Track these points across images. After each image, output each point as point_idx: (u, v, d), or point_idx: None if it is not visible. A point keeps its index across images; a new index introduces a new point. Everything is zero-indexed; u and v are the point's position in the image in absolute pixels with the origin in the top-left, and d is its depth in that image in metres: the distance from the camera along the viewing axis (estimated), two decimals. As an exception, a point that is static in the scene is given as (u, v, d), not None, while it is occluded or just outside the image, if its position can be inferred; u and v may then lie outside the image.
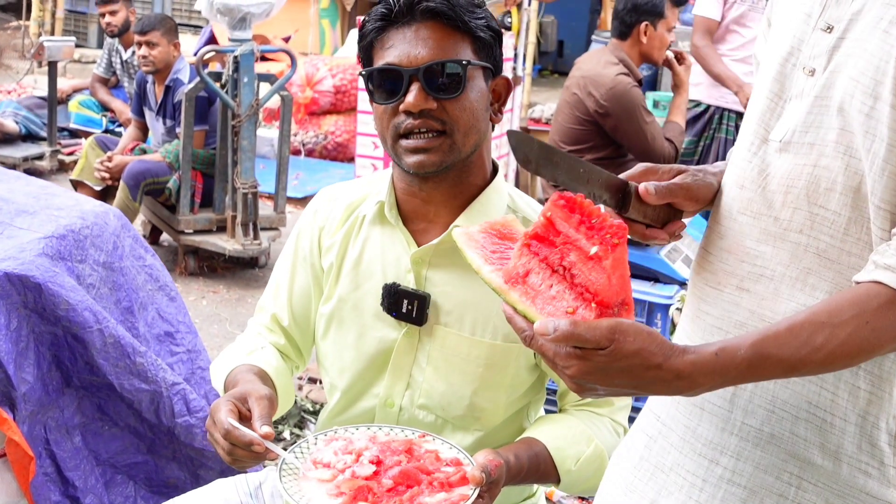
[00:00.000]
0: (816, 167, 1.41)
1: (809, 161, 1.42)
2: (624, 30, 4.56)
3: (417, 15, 1.81)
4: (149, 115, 6.32)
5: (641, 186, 1.48)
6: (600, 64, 4.51)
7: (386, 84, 1.82)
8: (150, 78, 6.21)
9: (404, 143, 1.82)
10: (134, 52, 7.40)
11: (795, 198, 1.43)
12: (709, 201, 1.59)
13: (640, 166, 1.53)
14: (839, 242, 1.40)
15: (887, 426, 1.43)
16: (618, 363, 1.27)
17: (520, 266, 1.39)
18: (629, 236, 1.44)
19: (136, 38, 6.10)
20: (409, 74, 1.79)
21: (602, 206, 1.42)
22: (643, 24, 4.51)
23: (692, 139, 5.66)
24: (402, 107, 1.79)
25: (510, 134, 1.46)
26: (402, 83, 1.79)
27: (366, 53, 1.88)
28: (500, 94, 1.94)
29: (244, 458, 1.66)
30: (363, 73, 1.87)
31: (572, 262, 1.34)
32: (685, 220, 1.59)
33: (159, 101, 6.16)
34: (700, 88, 5.61)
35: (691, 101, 5.65)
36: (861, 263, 1.39)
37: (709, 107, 5.60)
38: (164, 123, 6.17)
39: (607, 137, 4.48)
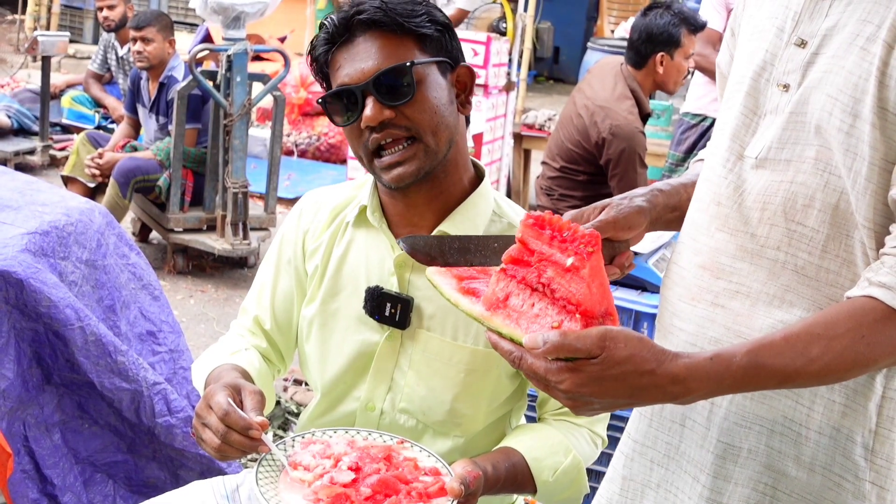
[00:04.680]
0: (793, 184, 1.40)
1: (786, 178, 1.41)
2: (638, 59, 4.49)
3: (356, 30, 1.80)
4: (142, 112, 6.30)
5: None
6: (614, 95, 4.43)
7: (343, 105, 1.82)
8: (144, 74, 6.19)
9: (378, 161, 1.82)
10: (130, 49, 7.39)
11: (772, 214, 1.43)
12: (646, 224, 1.58)
13: (566, 216, 1.52)
14: (817, 259, 1.40)
15: (862, 440, 1.43)
16: (611, 371, 1.26)
17: (499, 291, 1.39)
18: None
19: (132, 33, 6.07)
20: (361, 90, 1.78)
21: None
22: (659, 55, 4.45)
23: (689, 153, 5.64)
24: (362, 123, 1.79)
25: (404, 241, 1.52)
26: (356, 100, 1.79)
27: (325, 79, 1.89)
28: (464, 84, 1.91)
29: (237, 443, 1.64)
30: (319, 101, 1.87)
31: (550, 278, 1.35)
32: (633, 248, 1.60)
33: (153, 98, 6.13)
34: (703, 102, 5.60)
35: (696, 115, 5.64)
36: (840, 280, 1.38)
37: (714, 121, 5.57)
38: (157, 120, 6.15)
39: (599, 166, 4.47)
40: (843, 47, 1.37)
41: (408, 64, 1.78)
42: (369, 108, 1.77)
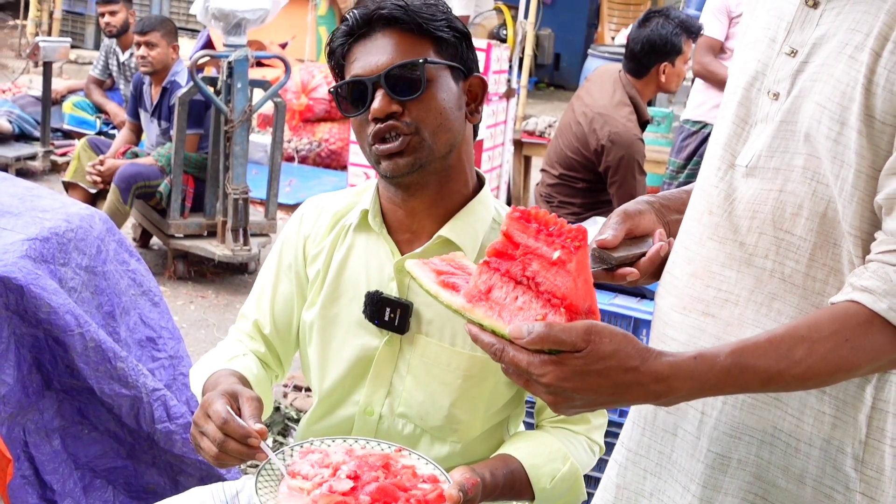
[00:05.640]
0: (782, 192, 1.41)
1: (775, 186, 1.42)
2: (639, 70, 4.49)
3: (375, 25, 1.84)
4: (144, 117, 6.32)
5: (598, 240, 1.51)
6: (612, 102, 4.43)
7: (354, 96, 1.85)
8: (147, 79, 6.21)
9: (377, 148, 1.83)
10: (132, 55, 7.41)
11: (761, 223, 1.43)
12: (654, 215, 1.60)
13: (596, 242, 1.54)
14: (805, 268, 1.40)
15: (853, 451, 1.43)
16: (594, 366, 1.26)
17: (481, 284, 1.37)
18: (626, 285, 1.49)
19: (136, 38, 6.11)
20: (372, 82, 1.81)
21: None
22: (662, 65, 4.46)
23: (689, 160, 5.65)
24: (370, 115, 1.82)
25: None
26: (367, 92, 1.82)
27: (338, 72, 1.91)
28: (476, 94, 1.94)
29: (235, 451, 1.64)
30: (331, 89, 1.89)
31: (535, 271, 1.33)
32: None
33: (155, 103, 6.15)
34: (703, 109, 5.60)
35: (696, 122, 5.65)
36: (826, 289, 1.39)
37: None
38: (159, 125, 6.16)
39: (598, 173, 4.48)
40: (832, 56, 1.38)
41: (420, 61, 1.81)
42: (378, 100, 1.80)
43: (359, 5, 1.90)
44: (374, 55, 1.82)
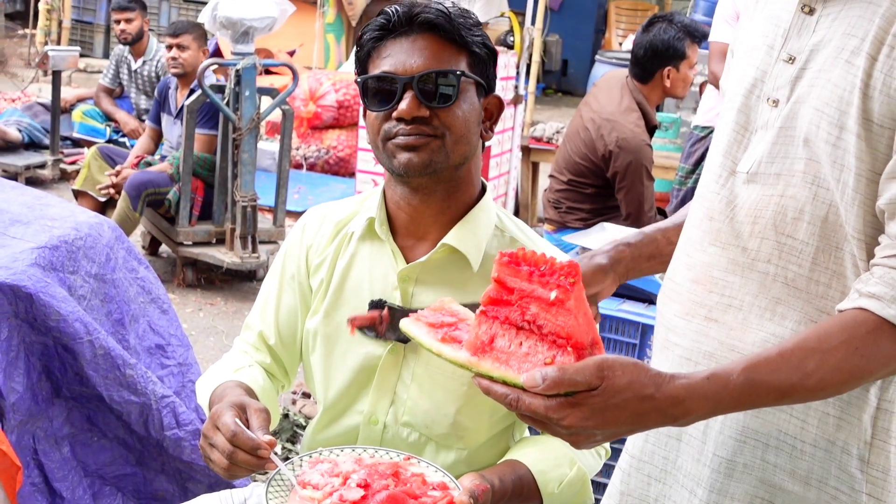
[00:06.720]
0: (783, 197, 1.42)
1: (776, 191, 1.43)
2: (644, 75, 4.50)
3: (416, 26, 1.84)
4: (166, 121, 6.34)
5: None
6: (620, 108, 4.44)
7: (381, 91, 1.84)
8: (173, 83, 6.26)
9: (395, 140, 1.82)
10: (144, 62, 7.46)
11: (763, 228, 1.44)
12: (610, 282, 1.62)
13: None
14: (807, 272, 1.41)
15: (858, 452, 1.43)
16: (612, 400, 1.26)
17: (482, 335, 1.37)
18: None
19: (168, 40, 6.19)
20: (404, 82, 1.81)
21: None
22: (666, 70, 4.47)
23: (697, 165, 5.64)
24: (395, 114, 1.81)
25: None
26: (396, 91, 1.81)
27: (362, 63, 1.91)
28: (491, 113, 1.96)
29: (244, 463, 1.65)
30: (358, 80, 1.89)
31: (535, 314, 1.33)
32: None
33: (180, 105, 6.17)
34: (711, 115, 5.59)
35: (704, 128, 5.64)
36: (829, 293, 1.39)
37: None
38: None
39: (607, 178, 4.48)
40: (828, 61, 1.39)
41: (458, 72, 1.82)
42: (406, 101, 1.79)
43: (377, 13, 1.89)
44: (410, 56, 1.82)
